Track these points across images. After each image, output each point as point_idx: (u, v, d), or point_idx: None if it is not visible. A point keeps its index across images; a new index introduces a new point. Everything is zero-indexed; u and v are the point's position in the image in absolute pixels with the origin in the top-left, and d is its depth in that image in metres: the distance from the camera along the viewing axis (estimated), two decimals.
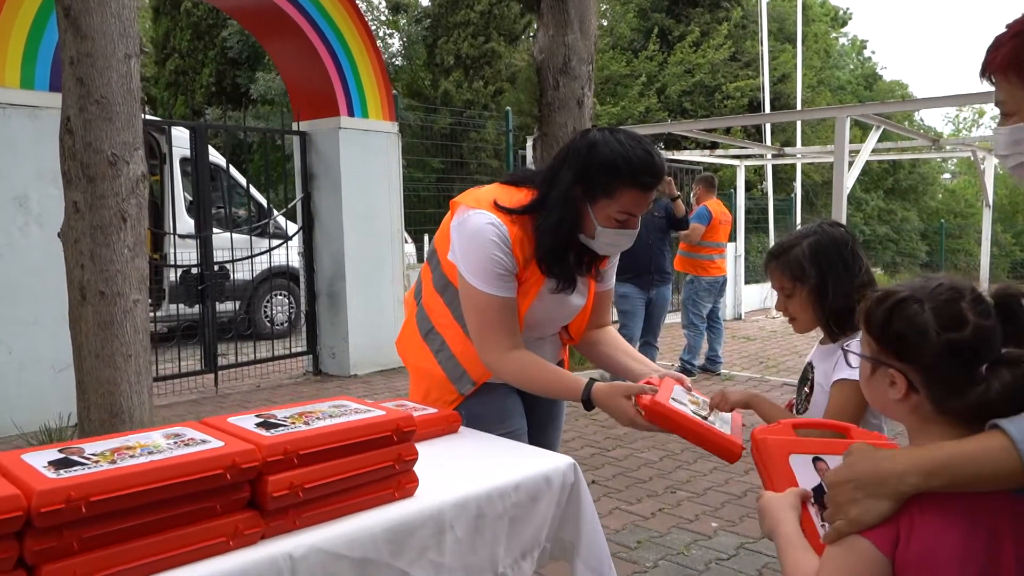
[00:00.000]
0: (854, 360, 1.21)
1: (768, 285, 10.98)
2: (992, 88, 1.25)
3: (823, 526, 1.11)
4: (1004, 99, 1.22)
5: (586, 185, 1.82)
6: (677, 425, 1.69)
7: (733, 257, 10.56)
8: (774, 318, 11.36)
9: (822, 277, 1.71)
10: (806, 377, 1.83)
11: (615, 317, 5.99)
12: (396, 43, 18.95)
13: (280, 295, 9.11)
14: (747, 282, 11.89)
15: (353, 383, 6.83)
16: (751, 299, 11.83)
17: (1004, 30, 1.22)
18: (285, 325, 9.08)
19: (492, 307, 1.87)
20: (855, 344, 1.69)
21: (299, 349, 7.41)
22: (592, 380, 1.85)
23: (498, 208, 1.88)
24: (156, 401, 4.80)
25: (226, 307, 7.91)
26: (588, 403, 1.83)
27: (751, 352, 8.43)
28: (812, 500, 1.17)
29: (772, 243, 11.87)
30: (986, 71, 1.23)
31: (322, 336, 7.23)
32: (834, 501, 1.05)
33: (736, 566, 3.17)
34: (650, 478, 4.25)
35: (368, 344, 7.10)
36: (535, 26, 17.37)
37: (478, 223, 1.86)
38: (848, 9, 27.77)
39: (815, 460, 1.25)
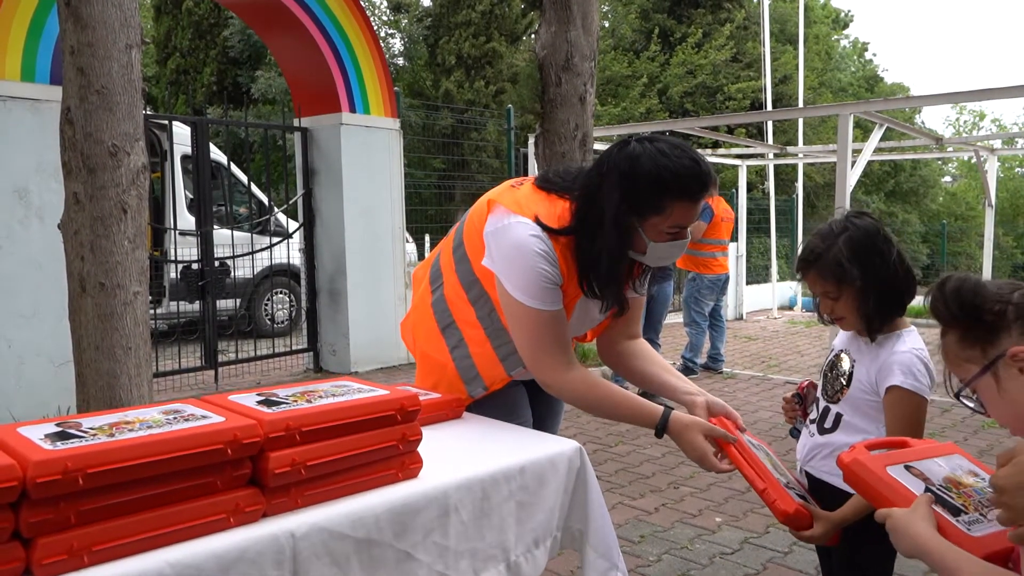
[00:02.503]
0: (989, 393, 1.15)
1: (770, 287, 10.92)
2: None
3: (957, 523, 1.09)
4: None
5: (635, 205, 1.70)
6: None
7: (735, 257, 10.53)
8: (775, 319, 11.34)
9: (864, 275, 1.67)
10: (839, 367, 1.80)
11: None
12: (397, 43, 18.94)
13: (280, 293, 9.09)
14: (748, 283, 11.86)
15: None
16: (752, 299, 11.81)
17: None
18: (286, 323, 9.05)
19: (544, 323, 1.76)
20: (903, 352, 1.67)
21: (300, 346, 7.38)
22: (669, 409, 1.76)
23: (540, 225, 1.77)
24: (156, 397, 4.78)
25: (226, 304, 7.88)
26: (660, 432, 1.75)
27: (753, 352, 8.41)
28: (935, 502, 1.14)
29: (774, 244, 11.91)
30: None
31: (323, 333, 7.20)
32: (1009, 505, 0.97)
33: (740, 560, 3.14)
34: (653, 474, 4.22)
35: (369, 341, 7.07)
36: (536, 25, 17.37)
37: (521, 235, 1.75)
38: (849, 11, 27.82)
39: (907, 468, 1.24)
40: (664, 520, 3.56)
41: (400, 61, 18.63)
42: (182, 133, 7.50)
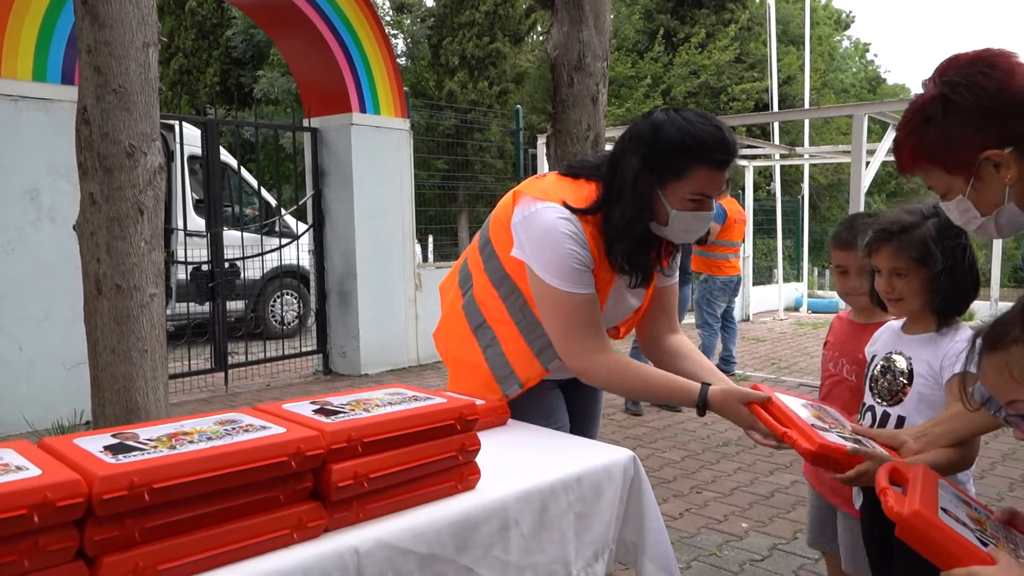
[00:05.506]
0: None
1: (776, 288, 10.83)
2: None
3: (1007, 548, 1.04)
4: (933, 184, 1.36)
5: (655, 169, 1.69)
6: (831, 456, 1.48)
7: (742, 258, 10.48)
8: (782, 320, 11.29)
9: (946, 262, 1.64)
10: (893, 367, 1.75)
11: None
12: (400, 43, 18.89)
13: (288, 294, 9.03)
14: (755, 283, 11.82)
15: (364, 383, 6.74)
16: (758, 300, 11.76)
17: (898, 132, 1.38)
18: (295, 323, 8.99)
19: (577, 306, 1.74)
20: (957, 351, 1.62)
21: (309, 348, 7.33)
22: (706, 385, 1.73)
23: (569, 208, 1.76)
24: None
25: (234, 306, 7.82)
26: (702, 409, 1.72)
27: (762, 353, 8.36)
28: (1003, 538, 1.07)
29: (780, 245, 11.86)
30: (907, 170, 1.37)
31: (332, 335, 7.14)
32: None
33: (771, 567, 3.09)
34: (674, 478, 4.17)
35: (379, 343, 7.02)
36: (539, 27, 17.27)
37: (550, 218, 1.73)
38: (851, 12, 27.81)
39: (944, 511, 1.14)
40: (689, 526, 3.51)
41: (403, 61, 18.58)
42: (190, 134, 7.44)
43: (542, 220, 1.74)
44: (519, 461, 1.57)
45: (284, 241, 7.20)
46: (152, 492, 1.00)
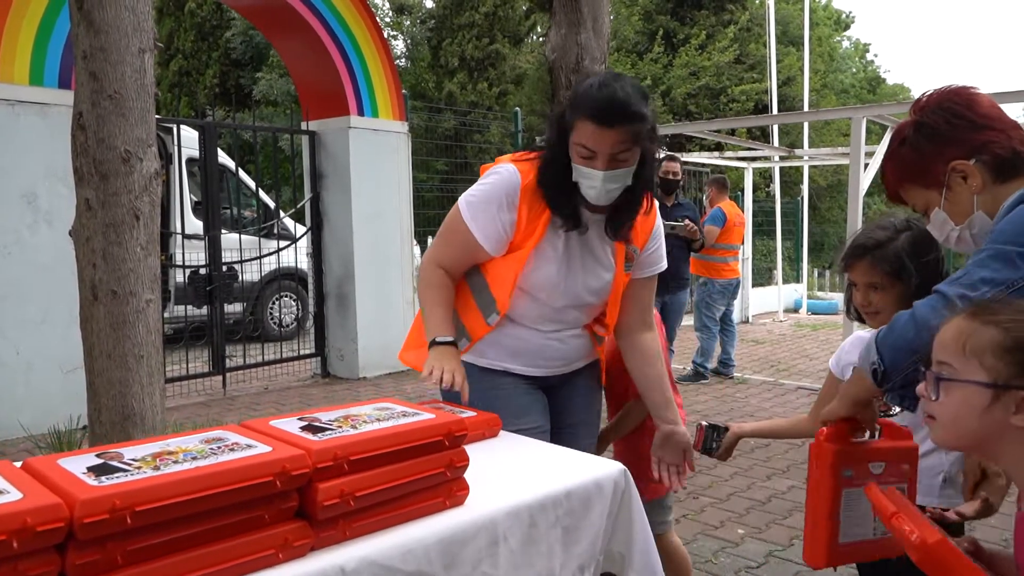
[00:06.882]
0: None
1: (776, 289, 10.79)
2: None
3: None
4: (914, 203, 1.50)
5: (564, 119, 1.86)
6: None
7: (741, 260, 10.47)
8: (781, 321, 11.28)
9: (921, 276, 1.65)
10: None
11: None
12: (400, 45, 18.88)
13: (286, 296, 9.03)
14: (755, 285, 11.81)
15: (362, 385, 6.74)
16: (757, 302, 11.75)
17: (882, 160, 1.56)
18: (293, 326, 8.99)
19: (457, 232, 1.95)
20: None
21: (307, 351, 7.32)
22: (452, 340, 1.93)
23: (516, 160, 1.99)
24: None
25: (231, 309, 7.81)
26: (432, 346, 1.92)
27: (761, 356, 8.35)
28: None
29: (780, 246, 11.85)
30: (893, 193, 1.51)
31: (330, 338, 7.14)
32: None
33: (767, 574, 3.09)
34: None
35: (377, 346, 7.02)
36: (539, 28, 17.24)
37: (503, 166, 1.97)
38: (851, 12, 27.77)
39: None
40: (686, 532, 3.50)
41: (403, 63, 18.57)
42: (188, 136, 7.43)
43: (496, 168, 1.99)
44: (507, 475, 1.57)
45: (282, 244, 7.19)
46: (134, 515, 0.99)
